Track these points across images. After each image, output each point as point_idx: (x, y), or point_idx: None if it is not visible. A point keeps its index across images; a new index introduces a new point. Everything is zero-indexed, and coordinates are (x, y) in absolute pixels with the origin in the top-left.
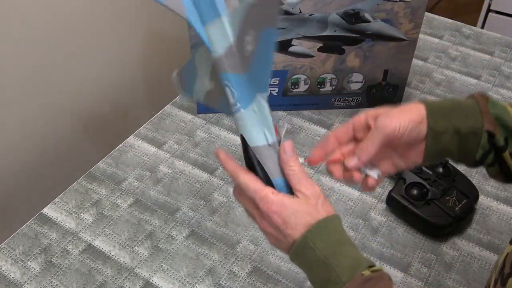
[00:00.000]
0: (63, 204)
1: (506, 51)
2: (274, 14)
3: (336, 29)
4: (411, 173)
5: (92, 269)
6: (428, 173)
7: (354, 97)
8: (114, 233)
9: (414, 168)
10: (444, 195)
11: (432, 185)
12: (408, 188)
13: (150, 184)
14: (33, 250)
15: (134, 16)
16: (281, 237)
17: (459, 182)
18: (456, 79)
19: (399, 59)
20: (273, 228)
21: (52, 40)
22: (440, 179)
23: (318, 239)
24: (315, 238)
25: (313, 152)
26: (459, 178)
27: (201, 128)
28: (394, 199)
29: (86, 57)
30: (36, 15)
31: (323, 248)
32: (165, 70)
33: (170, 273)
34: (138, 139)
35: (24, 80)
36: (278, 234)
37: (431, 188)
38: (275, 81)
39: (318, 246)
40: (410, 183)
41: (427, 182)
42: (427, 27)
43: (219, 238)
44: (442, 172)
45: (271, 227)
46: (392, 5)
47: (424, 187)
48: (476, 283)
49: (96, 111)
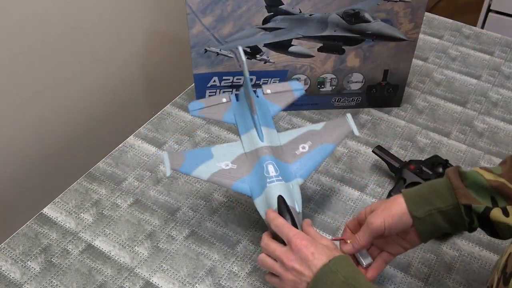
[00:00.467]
0: (63, 204)
1: (506, 51)
2: (340, 138)
3: (336, 29)
4: (411, 173)
5: (92, 269)
6: (428, 173)
7: (354, 97)
8: (114, 233)
9: (413, 167)
10: None
11: None
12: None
13: (150, 184)
14: (33, 250)
15: (134, 16)
16: (304, 269)
17: None
18: (456, 79)
19: (399, 59)
20: (300, 261)
21: (51, 40)
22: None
23: (339, 265)
24: (337, 264)
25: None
26: None
27: (201, 128)
28: None
29: (86, 57)
30: (36, 15)
31: (344, 272)
32: (165, 70)
33: (170, 273)
34: (138, 139)
35: (23, 80)
36: (301, 266)
37: None
38: (275, 81)
39: (340, 270)
40: (410, 183)
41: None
42: (427, 27)
43: (219, 238)
44: (442, 172)
45: (298, 262)
46: (392, 5)
47: None
48: (476, 283)
49: (96, 111)
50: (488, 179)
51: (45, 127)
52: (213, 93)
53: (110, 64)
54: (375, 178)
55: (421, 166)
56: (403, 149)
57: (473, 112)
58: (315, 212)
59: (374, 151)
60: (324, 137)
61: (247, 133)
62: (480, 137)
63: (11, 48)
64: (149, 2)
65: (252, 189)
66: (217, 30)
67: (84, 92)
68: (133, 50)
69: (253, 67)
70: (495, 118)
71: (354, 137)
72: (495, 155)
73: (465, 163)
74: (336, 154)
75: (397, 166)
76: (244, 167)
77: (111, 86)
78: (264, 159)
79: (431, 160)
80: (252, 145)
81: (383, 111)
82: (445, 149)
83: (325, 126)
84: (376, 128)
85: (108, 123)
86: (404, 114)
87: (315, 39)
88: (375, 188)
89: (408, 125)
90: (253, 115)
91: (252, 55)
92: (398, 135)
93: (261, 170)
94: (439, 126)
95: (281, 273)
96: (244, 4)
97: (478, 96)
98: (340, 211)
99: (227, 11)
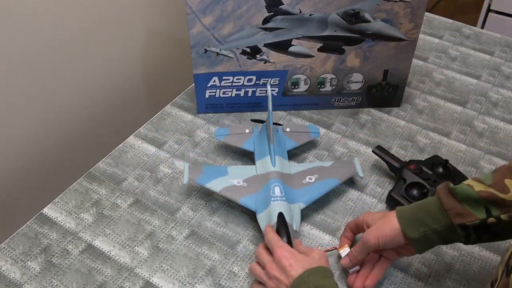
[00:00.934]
0: (63, 204)
1: (506, 51)
2: (346, 177)
3: (336, 29)
4: (411, 173)
5: (92, 269)
6: (428, 173)
7: (354, 97)
8: (114, 233)
9: (413, 167)
10: None
11: (432, 185)
12: (408, 188)
13: (150, 184)
14: (33, 250)
15: (134, 16)
16: (283, 278)
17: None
18: (456, 79)
19: (399, 59)
20: (280, 270)
21: (52, 41)
22: (440, 179)
23: (311, 277)
24: (310, 276)
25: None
26: (458, 178)
27: (201, 128)
28: (394, 199)
29: (86, 57)
30: (35, 16)
31: (315, 282)
32: (165, 70)
33: (170, 273)
34: (138, 139)
35: (23, 80)
36: (281, 275)
37: (431, 188)
38: (275, 81)
39: (312, 280)
40: (410, 183)
41: (427, 182)
42: (427, 27)
43: (219, 238)
44: (442, 172)
45: (278, 271)
46: (392, 5)
47: (424, 187)
48: (476, 283)
49: (96, 111)
50: (477, 191)
51: (45, 127)
52: (213, 93)
53: (110, 64)
54: (375, 178)
55: (421, 166)
56: (403, 149)
57: (473, 112)
58: (315, 212)
59: (374, 151)
60: (331, 173)
61: (262, 159)
62: (480, 137)
63: (11, 49)
64: (149, 2)
65: (257, 205)
66: (217, 30)
67: (84, 92)
68: (133, 50)
69: (253, 67)
70: (495, 118)
71: (354, 137)
72: (495, 155)
73: (465, 163)
74: (336, 154)
75: (397, 166)
76: (253, 186)
77: (111, 86)
78: (273, 182)
79: (431, 160)
80: (264, 169)
81: (383, 111)
82: (445, 149)
83: (333, 165)
84: (376, 128)
85: (108, 123)
86: (404, 114)
87: (315, 39)
88: (375, 188)
89: (408, 125)
90: (270, 144)
91: (252, 55)
92: (398, 135)
93: (268, 191)
94: (439, 126)
95: (265, 281)
96: (244, 4)
97: (478, 96)
98: (340, 211)
99: (227, 11)
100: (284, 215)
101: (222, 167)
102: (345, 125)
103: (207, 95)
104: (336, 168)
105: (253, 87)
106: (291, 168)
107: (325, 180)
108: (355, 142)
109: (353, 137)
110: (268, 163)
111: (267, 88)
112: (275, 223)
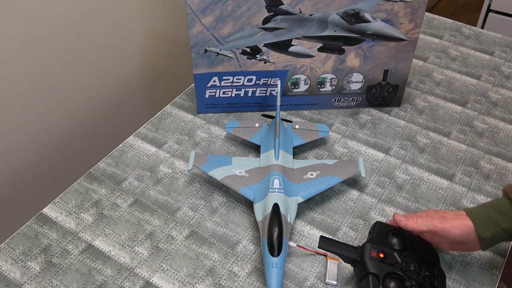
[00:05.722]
0: (63, 204)
1: (506, 51)
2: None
3: (336, 29)
4: (379, 262)
5: (92, 269)
6: (395, 258)
7: (354, 97)
8: (114, 233)
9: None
10: (419, 276)
11: (406, 270)
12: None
13: (150, 184)
14: (33, 250)
15: (134, 16)
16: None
17: (418, 249)
18: (456, 79)
19: (399, 59)
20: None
21: (52, 41)
22: (405, 256)
23: None
24: None
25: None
26: (416, 244)
27: (201, 128)
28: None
29: (86, 57)
30: (35, 15)
31: None
32: (165, 70)
33: (170, 273)
34: (138, 139)
35: (23, 80)
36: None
37: (405, 274)
38: (275, 81)
39: None
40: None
41: (401, 271)
42: (427, 27)
43: (219, 238)
44: (400, 246)
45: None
46: (392, 5)
47: (403, 279)
48: (476, 283)
49: (96, 111)
50: None
51: (45, 127)
52: (213, 93)
53: (110, 64)
54: (375, 178)
55: (380, 248)
56: (403, 149)
57: (473, 112)
58: (315, 212)
59: (320, 246)
60: (333, 171)
61: (266, 152)
62: (480, 137)
63: (11, 49)
64: (149, 2)
65: (255, 195)
66: (217, 30)
67: (84, 92)
68: (133, 50)
69: (253, 67)
70: (495, 118)
71: (354, 137)
72: (495, 155)
73: (465, 163)
74: (336, 154)
75: (356, 257)
76: (254, 177)
77: (111, 86)
78: (273, 174)
79: (380, 230)
80: (267, 161)
81: (383, 111)
82: (445, 149)
83: (337, 163)
84: (376, 128)
85: (108, 123)
86: (404, 114)
87: (315, 39)
88: (375, 188)
89: (408, 125)
90: (275, 138)
91: (252, 55)
92: (398, 135)
93: (267, 182)
94: (439, 126)
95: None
96: (244, 4)
97: (478, 96)
98: (340, 211)
99: (227, 11)
100: (279, 206)
101: (227, 157)
102: (345, 125)
103: (207, 95)
104: (339, 166)
105: (253, 87)
106: (294, 163)
107: (326, 177)
108: (355, 142)
109: (353, 137)
110: (272, 156)
111: (277, 83)
112: (269, 213)
